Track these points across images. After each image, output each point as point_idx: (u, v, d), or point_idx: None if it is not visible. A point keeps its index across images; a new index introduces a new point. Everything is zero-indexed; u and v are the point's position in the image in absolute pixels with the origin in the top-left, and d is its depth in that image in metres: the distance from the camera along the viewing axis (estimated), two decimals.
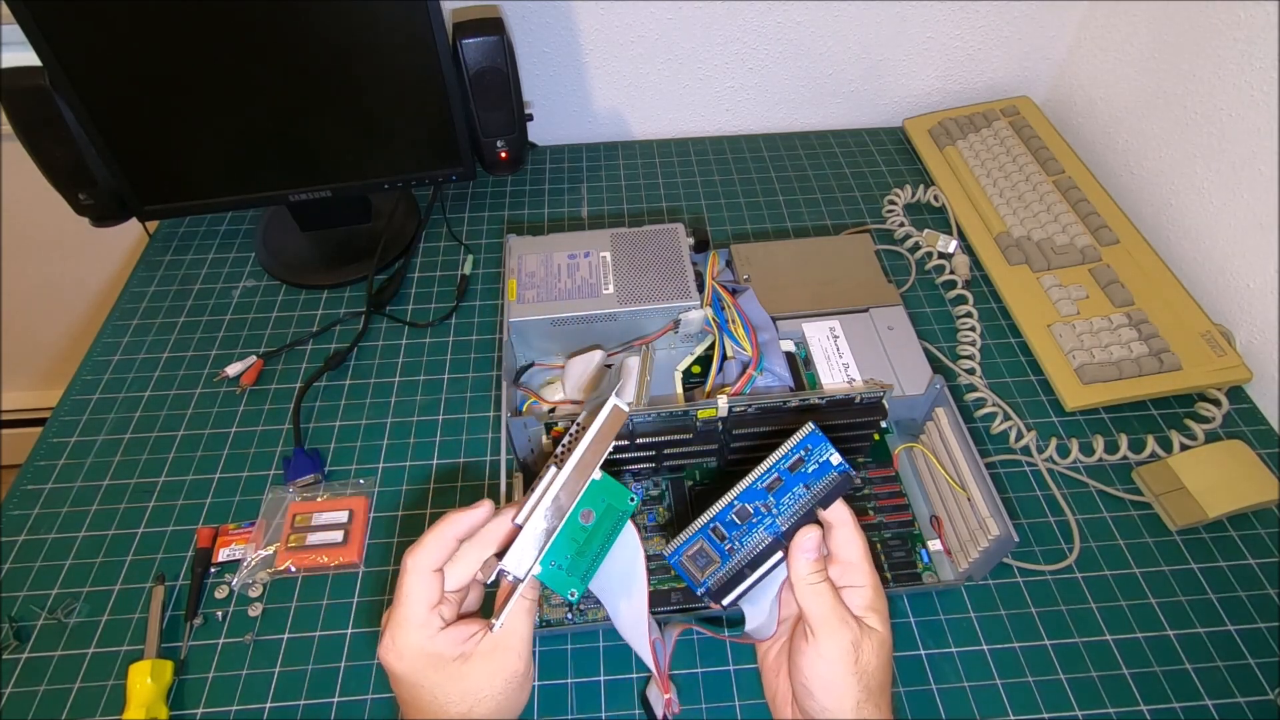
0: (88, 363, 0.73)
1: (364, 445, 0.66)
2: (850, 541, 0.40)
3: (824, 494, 0.40)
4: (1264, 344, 0.69)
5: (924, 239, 0.81)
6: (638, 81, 0.94)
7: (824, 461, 0.41)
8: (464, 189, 0.91)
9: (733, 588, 0.41)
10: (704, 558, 0.41)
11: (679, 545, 0.41)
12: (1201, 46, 0.74)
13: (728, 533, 0.41)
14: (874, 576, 0.40)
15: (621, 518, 0.40)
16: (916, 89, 0.98)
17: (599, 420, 0.40)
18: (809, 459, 0.41)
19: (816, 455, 0.41)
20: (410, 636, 0.37)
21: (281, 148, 0.74)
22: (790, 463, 0.41)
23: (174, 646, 0.55)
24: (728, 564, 0.41)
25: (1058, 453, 0.64)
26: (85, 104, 0.66)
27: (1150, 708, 0.51)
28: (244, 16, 0.64)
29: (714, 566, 0.41)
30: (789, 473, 0.41)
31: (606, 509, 0.40)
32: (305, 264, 0.81)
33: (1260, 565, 0.58)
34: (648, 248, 0.66)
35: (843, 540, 0.40)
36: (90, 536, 0.61)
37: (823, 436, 0.41)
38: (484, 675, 0.37)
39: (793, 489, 0.41)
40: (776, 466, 0.41)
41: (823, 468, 0.41)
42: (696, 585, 0.41)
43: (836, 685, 0.37)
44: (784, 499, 0.41)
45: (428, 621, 0.37)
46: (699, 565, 0.41)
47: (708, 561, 0.41)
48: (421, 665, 0.37)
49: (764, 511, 0.41)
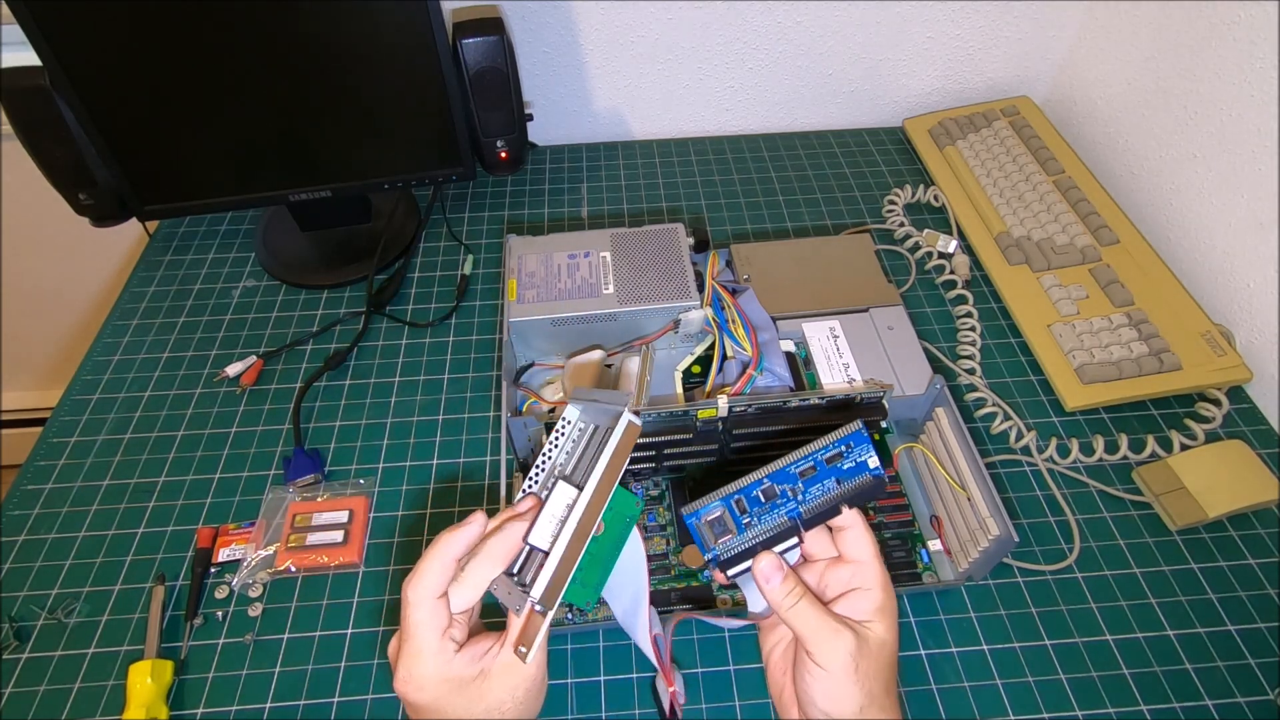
0: (88, 363, 0.73)
1: (364, 445, 0.66)
2: (860, 542, 0.40)
3: (853, 493, 0.40)
4: (1264, 344, 0.69)
5: (924, 239, 0.81)
6: (638, 81, 0.94)
7: (861, 462, 0.40)
8: (464, 189, 0.91)
9: (740, 561, 0.41)
10: (721, 526, 0.41)
11: (700, 508, 0.41)
12: (1201, 46, 0.74)
13: (750, 507, 0.41)
14: (884, 577, 0.39)
15: (629, 523, 0.40)
16: (916, 89, 0.98)
17: (614, 439, 0.40)
18: (847, 456, 0.40)
19: (856, 454, 0.40)
20: (426, 667, 0.36)
21: (281, 148, 0.74)
22: (829, 455, 0.41)
23: (174, 646, 0.55)
24: (742, 537, 0.41)
25: (1058, 453, 0.64)
26: (85, 104, 0.66)
27: (1150, 708, 0.51)
28: (244, 16, 0.64)
29: (729, 536, 0.41)
30: (825, 465, 0.41)
31: (614, 516, 0.40)
32: (305, 264, 0.81)
33: (1260, 565, 0.58)
34: (648, 248, 0.66)
35: (852, 541, 0.40)
36: (90, 536, 0.61)
37: (867, 437, 0.41)
38: (505, 688, 0.37)
39: (824, 481, 0.40)
40: (814, 455, 0.41)
41: (859, 467, 0.40)
42: (707, 550, 0.41)
43: (837, 695, 0.37)
44: (813, 488, 0.40)
45: (441, 649, 0.36)
46: (715, 532, 0.41)
47: (724, 530, 0.41)
48: (443, 692, 0.36)
49: (790, 496, 0.41)
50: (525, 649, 0.37)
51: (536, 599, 0.37)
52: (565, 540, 0.38)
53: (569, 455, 0.42)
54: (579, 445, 0.42)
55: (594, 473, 0.39)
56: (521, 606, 0.37)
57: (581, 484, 0.39)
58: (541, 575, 0.37)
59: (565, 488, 0.39)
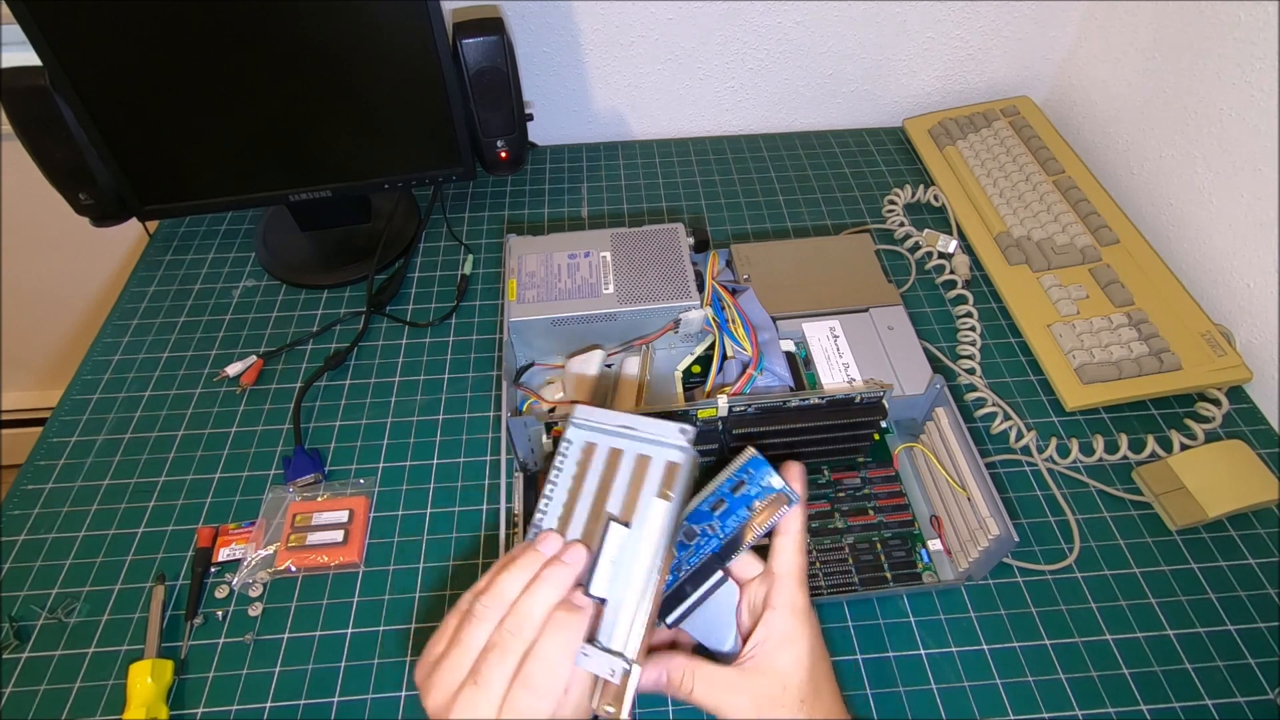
0: (88, 363, 0.73)
1: (364, 445, 0.66)
2: (778, 553, 0.42)
3: (765, 511, 0.42)
4: (1264, 344, 0.69)
5: (924, 239, 0.81)
6: (638, 81, 0.94)
7: (766, 485, 0.42)
8: (464, 189, 0.91)
9: (674, 605, 0.42)
10: None
11: None
12: (1201, 46, 0.74)
13: (678, 553, 0.42)
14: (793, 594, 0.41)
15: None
16: (916, 89, 0.98)
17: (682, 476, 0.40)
18: (751, 481, 0.43)
19: (758, 479, 0.43)
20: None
21: (282, 148, 0.74)
22: (733, 485, 0.43)
23: (174, 646, 0.55)
24: (672, 583, 0.42)
25: (1058, 453, 0.64)
26: (85, 104, 0.66)
27: (1150, 707, 0.51)
28: (244, 16, 0.64)
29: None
30: (732, 495, 0.43)
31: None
32: (305, 264, 0.81)
33: (1260, 565, 0.58)
34: (648, 248, 0.66)
35: (774, 549, 0.42)
36: (90, 536, 0.61)
37: (764, 461, 0.43)
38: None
39: (736, 511, 0.42)
40: (720, 490, 0.43)
41: (765, 490, 0.42)
42: None
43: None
44: (729, 520, 0.42)
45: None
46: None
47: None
48: None
49: (710, 532, 0.42)
50: (613, 708, 0.36)
51: (632, 657, 0.36)
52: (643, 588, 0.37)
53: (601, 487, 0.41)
54: (623, 479, 0.41)
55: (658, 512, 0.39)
56: (616, 670, 0.36)
57: (640, 523, 0.39)
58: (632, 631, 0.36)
59: (618, 529, 0.39)
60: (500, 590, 0.36)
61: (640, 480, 0.40)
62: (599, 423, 0.42)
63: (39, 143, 0.68)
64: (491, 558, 0.59)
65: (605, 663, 0.36)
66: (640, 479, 0.40)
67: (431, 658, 0.36)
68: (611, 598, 0.37)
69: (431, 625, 0.55)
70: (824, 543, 0.58)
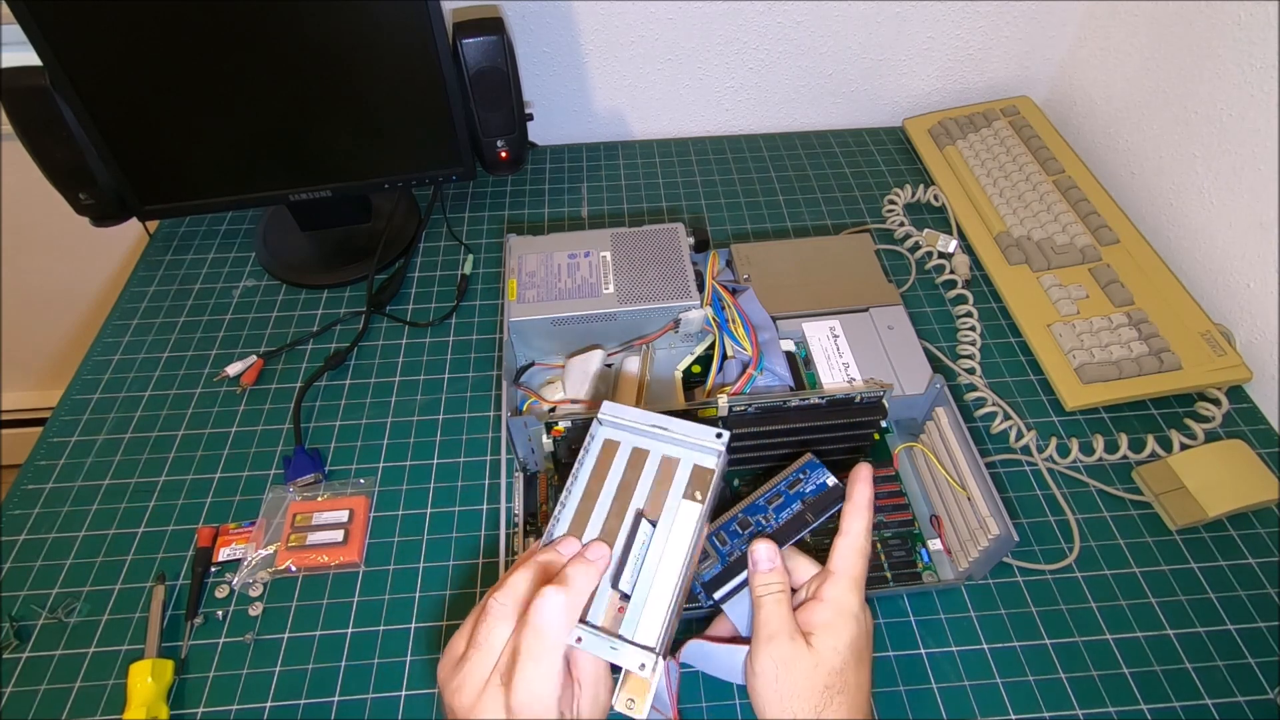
0: (88, 363, 0.73)
1: (364, 445, 0.66)
2: (839, 551, 0.42)
3: (816, 504, 0.46)
4: (1264, 344, 0.69)
5: (924, 239, 0.81)
6: (638, 81, 0.94)
7: (821, 482, 0.47)
8: (464, 189, 0.91)
9: (724, 582, 0.44)
10: (705, 556, 0.46)
11: None
12: (1201, 46, 0.74)
13: (729, 539, 0.46)
14: (843, 592, 0.41)
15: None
16: (916, 89, 0.98)
17: (712, 486, 0.41)
18: (807, 480, 0.47)
19: (813, 478, 0.48)
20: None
21: (282, 148, 0.74)
22: (790, 483, 0.47)
23: (174, 646, 0.55)
24: (724, 563, 0.45)
25: (1058, 452, 0.64)
26: (85, 104, 0.66)
27: (1150, 707, 0.51)
28: (244, 16, 0.64)
29: (712, 563, 0.45)
30: (789, 492, 0.47)
31: None
32: (305, 264, 0.81)
33: (1260, 565, 0.58)
34: (648, 247, 0.66)
35: (836, 548, 0.43)
36: (90, 536, 0.61)
37: (820, 464, 0.48)
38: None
39: (790, 505, 0.47)
40: (778, 487, 0.48)
41: (819, 486, 0.47)
42: (697, 578, 0.45)
43: (760, 701, 0.39)
44: (783, 513, 0.47)
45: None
46: (701, 561, 0.45)
47: (706, 558, 0.46)
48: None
49: (763, 523, 0.46)
50: (635, 700, 0.36)
51: (660, 652, 0.36)
52: (674, 586, 0.38)
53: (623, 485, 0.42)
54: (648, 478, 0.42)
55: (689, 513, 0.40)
56: (648, 665, 0.36)
57: (670, 523, 0.40)
58: (661, 627, 0.37)
59: (647, 527, 0.40)
60: (515, 588, 0.37)
61: (667, 480, 0.41)
62: (628, 421, 0.43)
63: (39, 143, 0.68)
64: (492, 558, 0.59)
65: (635, 657, 0.36)
66: (667, 479, 0.41)
67: (453, 657, 0.37)
68: (638, 594, 0.38)
69: (432, 625, 0.55)
70: (824, 543, 0.57)
